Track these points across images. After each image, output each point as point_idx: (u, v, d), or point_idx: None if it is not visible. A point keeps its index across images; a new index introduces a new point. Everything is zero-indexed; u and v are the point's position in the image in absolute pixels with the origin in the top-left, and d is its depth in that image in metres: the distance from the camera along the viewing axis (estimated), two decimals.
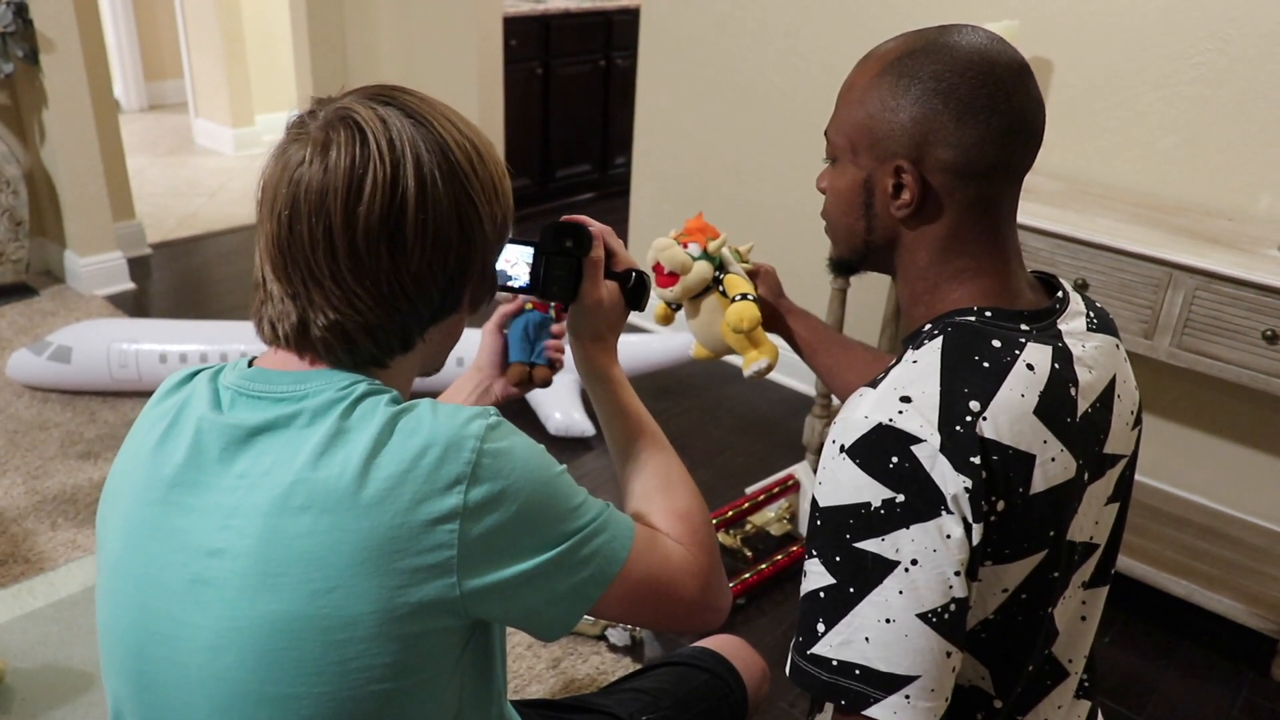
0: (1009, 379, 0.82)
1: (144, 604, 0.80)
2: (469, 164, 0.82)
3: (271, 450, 0.77)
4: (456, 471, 0.75)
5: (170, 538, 0.79)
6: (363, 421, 0.77)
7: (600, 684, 1.88)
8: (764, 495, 2.33)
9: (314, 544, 0.73)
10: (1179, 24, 2.10)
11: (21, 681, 1.80)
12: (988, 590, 0.84)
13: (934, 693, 0.78)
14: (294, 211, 0.78)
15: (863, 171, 0.90)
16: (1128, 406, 0.96)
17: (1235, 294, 1.79)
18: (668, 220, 3.25)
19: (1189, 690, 1.98)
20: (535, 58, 4.22)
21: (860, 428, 0.80)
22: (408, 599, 0.74)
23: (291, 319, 0.81)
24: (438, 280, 0.82)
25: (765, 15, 2.78)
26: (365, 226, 0.77)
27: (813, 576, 0.81)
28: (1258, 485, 2.25)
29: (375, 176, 0.77)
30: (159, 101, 6.02)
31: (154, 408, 0.86)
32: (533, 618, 0.81)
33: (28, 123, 3.35)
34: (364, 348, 0.82)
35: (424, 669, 0.78)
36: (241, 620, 0.75)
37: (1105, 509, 0.96)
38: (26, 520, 2.27)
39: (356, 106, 0.80)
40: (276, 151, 0.81)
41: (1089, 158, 2.29)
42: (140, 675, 0.81)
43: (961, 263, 0.89)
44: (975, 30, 0.87)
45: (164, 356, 2.68)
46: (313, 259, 0.78)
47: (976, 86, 0.83)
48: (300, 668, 0.74)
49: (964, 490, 0.77)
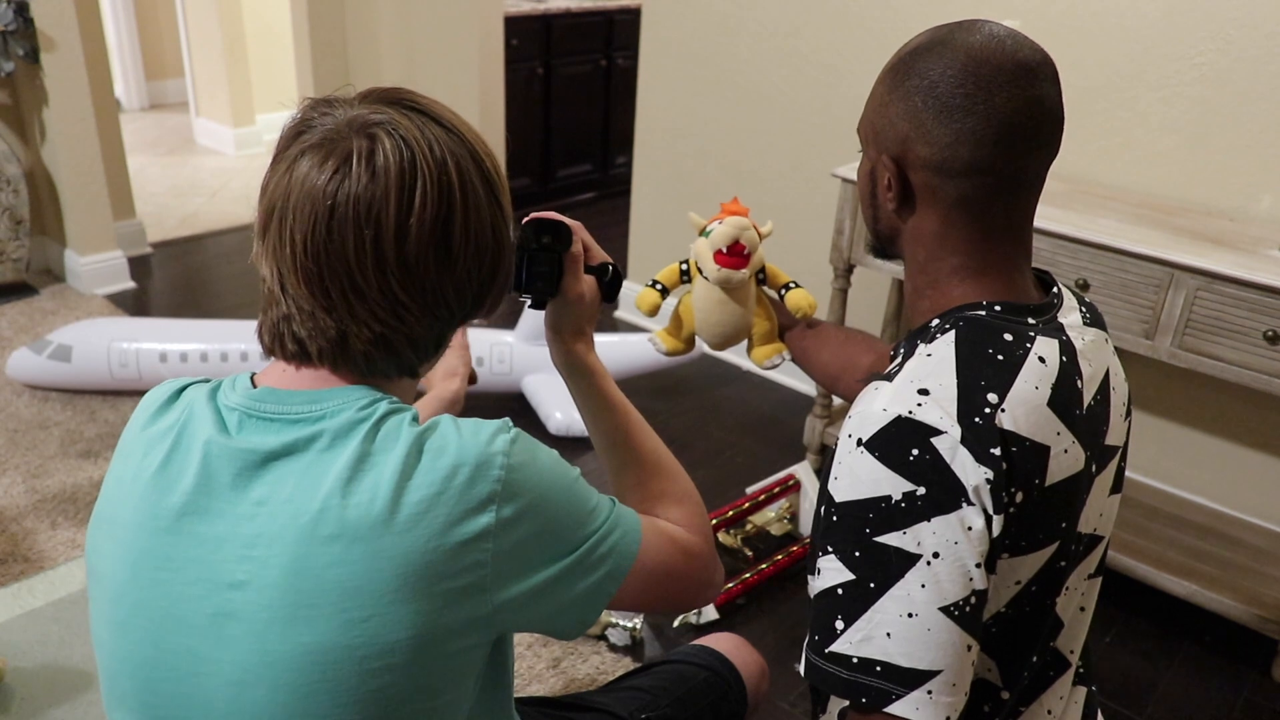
0: (1023, 371, 0.83)
1: (158, 640, 0.77)
2: (495, 170, 0.82)
3: (291, 476, 0.75)
4: (488, 490, 0.75)
5: (184, 569, 0.76)
6: (388, 443, 0.75)
7: (600, 683, 1.88)
8: (764, 495, 2.33)
9: (347, 573, 0.72)
10: (1180, 25, 2.10)
11: (21, 680, 1.80)
12: (1002, 582, 0.84)
13: (955, 687, 0.78)
14: (335, 222, 0.74)
15: (870, 162, 0.93)
16: (1121, 399, 0.97)
17: (1236, 294, 1.79)
18: (669, 220, 3.25)
19: (1190, 691, 1.98)
20: (536, 57, 4.22)
21: (878, 420, 0.80)
22: (445, 621, 0.73)
23: (330, 334, 0.78)
24: (473, 285, 0.82)
25: (766, 15, 2.78)
26: (417, 236, 0.76)
27: (828, 573, 0.81)
28: (1259, 486, 2.25)
29: (425, 185, 0.76)
30: (160, 101, 6.02)
31: (145, 430, 0.82)
32: (553, 620, 0.82)
33: (28, 121, 3.35)
34: (406, 357, 0.81)
35: (454, 686, 0.77)
36: (271, 654, 0.73)
37: (1109, 500, 0.96)
38: (26, 519, 2.27)
39: (389, 113, 0.77)
40: (285, 159, 0.77)
41: (1090, 158, 2.29)
42: (152, 708, 0.79)
43: (957, 260, 0.89)
44: (985, 27, 0.86)
45: (164, 356, 2.68)
46: (357, 271, 0.75)
47: (955, 85, 0.83)
48: (335, 698, 0.73)
49: (985, 482, 0.77)
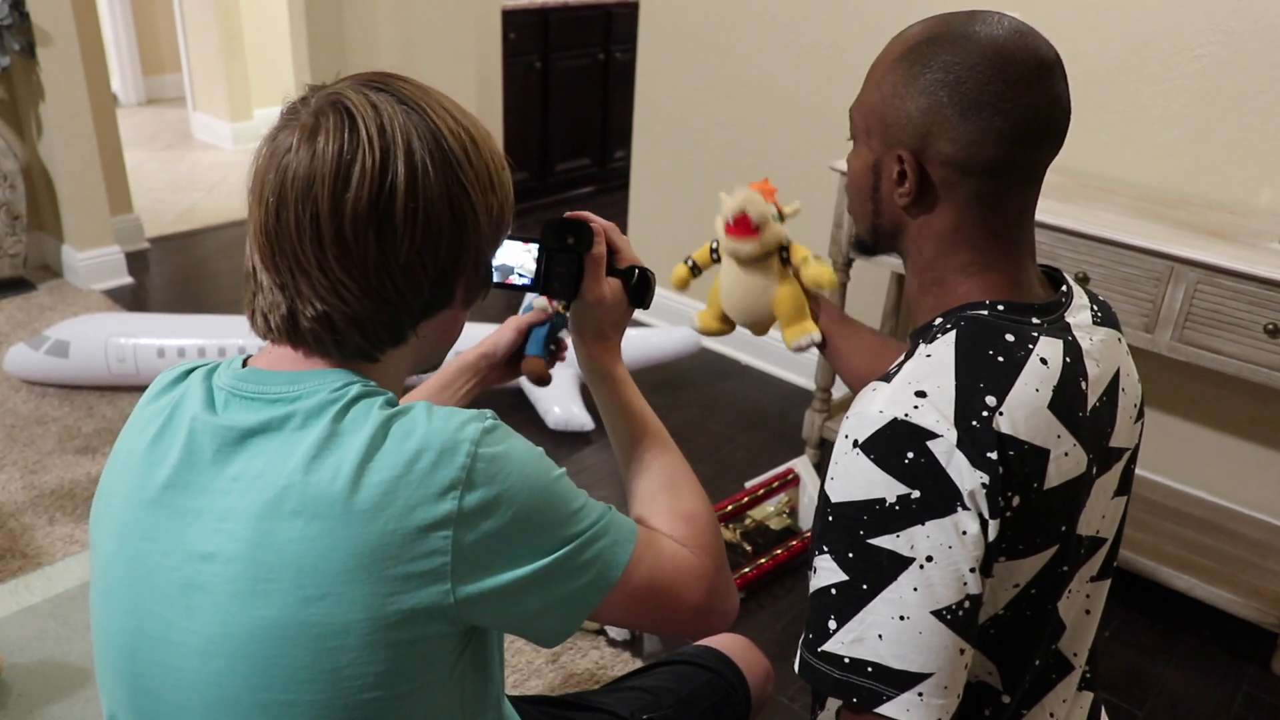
0: (1023, 374, 0.82)
1: (136, 607, 0.79)
2: (463, 152, 0.80)
3: (264, 453, 0.76)
4: (451, 477, 0.74)
5: (163, 540, 0.78)
6: (356, 425, 0.75)
7: (600, 679, 1.88)
8: (764, 490, 2.32)
9: (305, 550, 0.72)
10: (1181, 17, 2.09)
11: (19, 676, 1.80)
12: (999, 586, 0.83)
13: (947, 690, 0.78)
14: (281, 198, 0.76)
15: (873, 155, 0.89)
16: (1131, 400, 0.95)
17: (1237, 287, 1.79)
18: (668, 213, 3.24)
19: (1190, 684, 1.98)
20: (534, 51, 4.21)
21: (875, 422, 0.79)
22: (399, 606, 0.73)
23: (281, 310, 0.79)
24: (428, 271, 0.80)
25: (765, 8, 2.77)
26: (353, 214, 0.75)
27: (823, 573, 0.80)
28: (1258, 479, 2.25)
29: (364, 163, 0.75)
30: (157, 96, 6.00)
31: (147, 406, 0.84)
32: (529, 624, 0.80)
33: (25, 117, 3.34)
34: (350, 339, 0.80)
35: (418, 676, 0.77)
36: (233, 626, 0.74)
37: (1112, 502, 0.95)
38: (24, 515, 2.26)
39: (348, 92, 0.78)
40: (267, 137, 0.79)
41: (1090, 151, 2.29)
42: (134, 678, 0.80)
43: (966, 256, 0.88)
44: (1002, 20, 0.85)
45: (162, 351, 2.67)
46: (300, 247, 0.76)
47: (983, 82, 0.81)
48: (292, 675, 0.73)
49: (981, 486, 0.77)
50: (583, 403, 2.72)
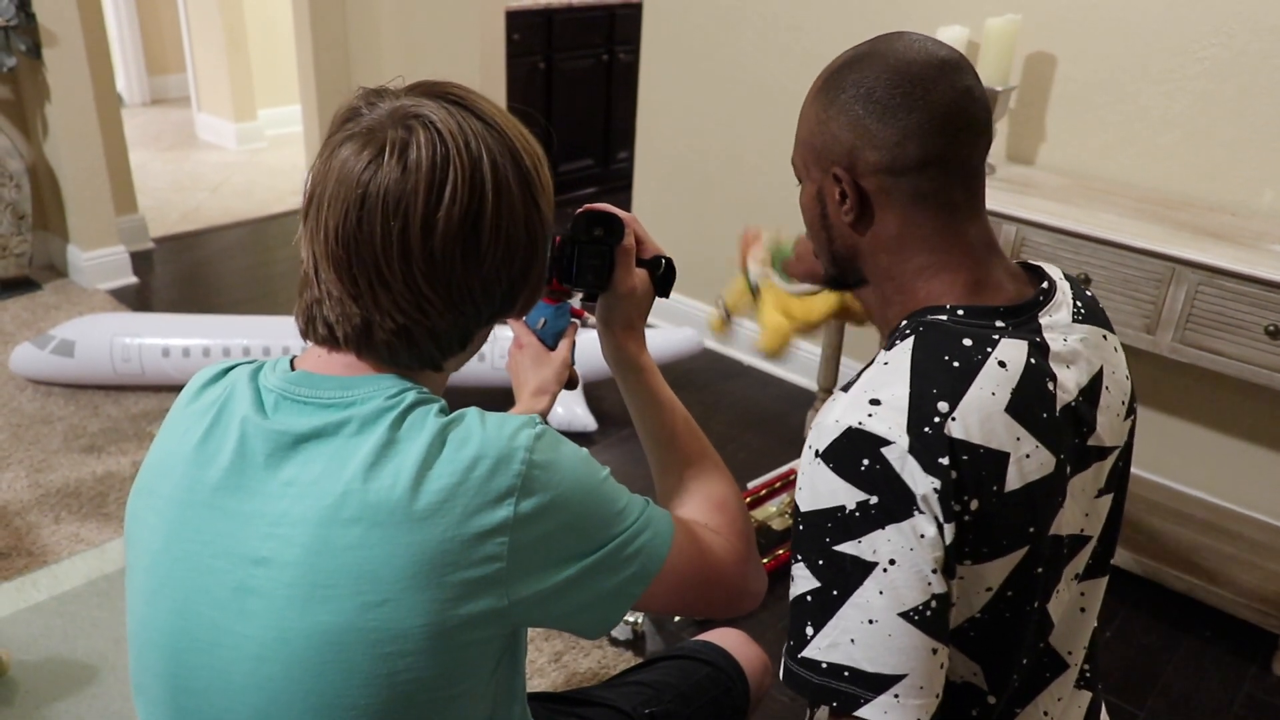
0: (979, 378, 0.83)
1: (185, 609, 0.79)
2: (535, 169, 0.82)
3: (320, 458, 0.76)
4: (507, 484, 0.75)
5: (213, 542, 0.78)
6: (413, 432, 0.76)
7: (603, 678, 1.88)
8: (766, 490, 2.33)
9: (365, 556, 0.73)
10: (1183, 19, 2.09)
11: (25, 674, 1.81)
12: (971, 589, 0.84)
13: (923, 689, 0.79)
14: (365, 212, 0.76)
15: (815, 185, 0.93)
16: (1117, 397, 0.95)
17: (1238, 289, 1.79)
18: (670, 214, 3.24)
19: (1190, 685, 1.98)
20: (537, 52, 4.22)
21: (832, 432, 0.81)
22: (458, 612, 0.74)
23: (355, 321, 0.79)
24: (502, 283, 0.82)
25: (768, 9, 2.78)
26: (444, 231, 0.77)
27: (799, 581, 0.82)
28: (1259, 480, 2.25)
29: (455, 181, 0.76)
30: (161, 96, 6.02)
31: (190, 404, 0.85)
32: (574, 618, 0.82)
33: (30, 117, 3.35)
34: (426, 350, 0.82)
35: (466, 678, 0.78)
36: (289, 631, 0.75)
37: (1096, 501, 0.95)
38: (30, 514, 2.27)
39: (429, 105, 0.78)
40: (329, 146, 0.79)
41: (1091, 153, 2.29)
42: (178, 679, 0.80)
43: (921, 259, 0.90)
44: (903, 35, 0.90)
45: (167, 351, 2.68)
46: (383, 261, 0.77)
47: (892, 87, 0.86)
48: (348, 680, 0.74)
49: (933, 491, 0.78)
50: (585, 404, 2.73)
